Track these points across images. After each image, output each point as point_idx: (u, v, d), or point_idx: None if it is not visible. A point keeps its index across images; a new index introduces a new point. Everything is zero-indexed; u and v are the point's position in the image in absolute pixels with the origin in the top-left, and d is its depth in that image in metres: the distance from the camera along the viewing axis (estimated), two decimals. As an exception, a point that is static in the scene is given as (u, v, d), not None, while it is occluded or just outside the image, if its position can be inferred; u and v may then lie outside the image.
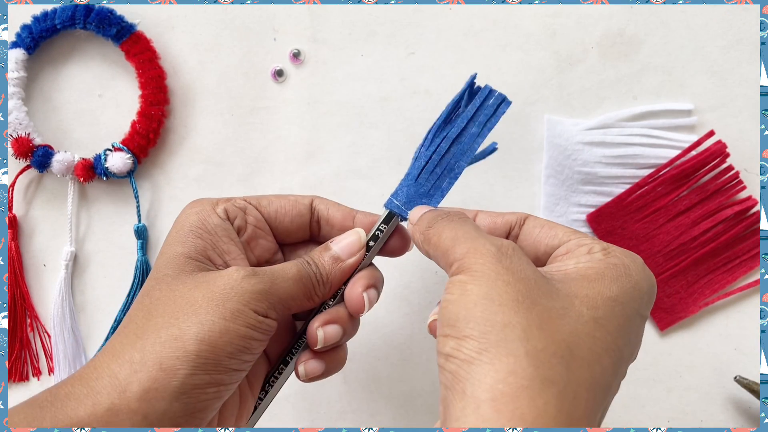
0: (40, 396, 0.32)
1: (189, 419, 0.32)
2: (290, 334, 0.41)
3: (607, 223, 0.52)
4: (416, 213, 0.38)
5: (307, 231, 0.41)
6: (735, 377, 0.50)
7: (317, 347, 0.38)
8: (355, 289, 0.38)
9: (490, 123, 0.40)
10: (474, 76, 0.40)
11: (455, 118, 0.40)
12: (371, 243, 0.39)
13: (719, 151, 0.50)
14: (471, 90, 0.40)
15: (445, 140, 0.40)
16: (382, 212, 0.40)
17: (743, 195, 0.51)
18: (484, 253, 0.31)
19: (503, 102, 0.40)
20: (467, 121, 0.40)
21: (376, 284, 0.39)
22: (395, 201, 0.39)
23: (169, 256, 0.36)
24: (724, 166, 0.51)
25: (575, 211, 0.52)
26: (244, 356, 0.34)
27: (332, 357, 0.39)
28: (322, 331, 0.38)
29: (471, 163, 0.40)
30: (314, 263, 0.38)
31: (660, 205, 0.51)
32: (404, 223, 0.40)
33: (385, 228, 0.39)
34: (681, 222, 0.51)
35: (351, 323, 0.39)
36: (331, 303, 0.39)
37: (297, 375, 0.39)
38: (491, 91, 0.40)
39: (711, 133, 0.50)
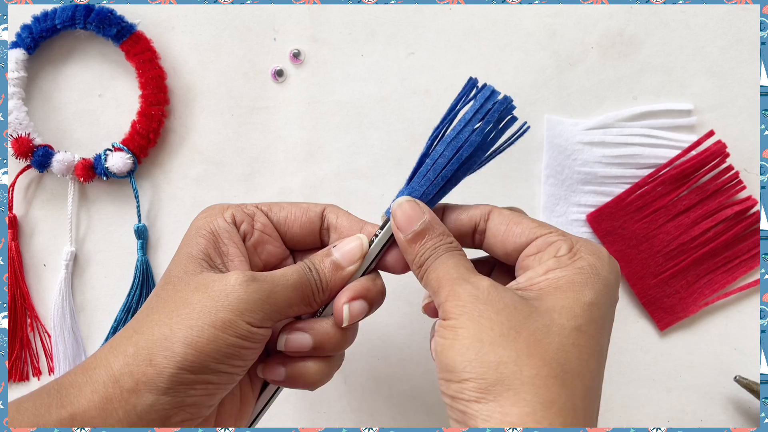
0: (48, 385, 0.34)
1: (179, 412, 0.33)
2: None
3: (607, 223, 0.52)
4: (398, 214, 0.37)
5: (317, 238, 0.40)
6: (735, 377, 0.50)
7: (344, 324, 0.38)
8: (338, 300, 0.38)
9: (495, 136, 0.38)
10: (473, 80, 0.38)
11: (453, 119, 0.38)
12: (371, 249, 0.38)
13: (719, 151, 0.50)
14: (471, 90, 0.38)
15: (440, 143, 0.38)
16: (382, 219, 0.39)
17: (743, 195, 0.51)
18: (463, 297, 0.33)
19: (506, 108, 0.37)
20: (464, 124, 0.38)
21: (366, 295, 0.38)
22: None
23: (178, 258, 0.38)
24: (724, 166, 0.51)
25: (575, 211, 0.52)
26: (232, 361, 0.34)
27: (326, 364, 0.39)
28: (347, 307, 0.38)
29: (489, 158, 0.39)
30: (315, 269, 0.38)
31: (660, 205, 0.51)
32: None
33: (380, 233, 0.38)
34: (681, 222, 0.51)
35: (377, 296, 0.39)
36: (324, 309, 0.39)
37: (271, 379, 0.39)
38: (493, 92, 0.37)
39: (711, 133, 0.50)
